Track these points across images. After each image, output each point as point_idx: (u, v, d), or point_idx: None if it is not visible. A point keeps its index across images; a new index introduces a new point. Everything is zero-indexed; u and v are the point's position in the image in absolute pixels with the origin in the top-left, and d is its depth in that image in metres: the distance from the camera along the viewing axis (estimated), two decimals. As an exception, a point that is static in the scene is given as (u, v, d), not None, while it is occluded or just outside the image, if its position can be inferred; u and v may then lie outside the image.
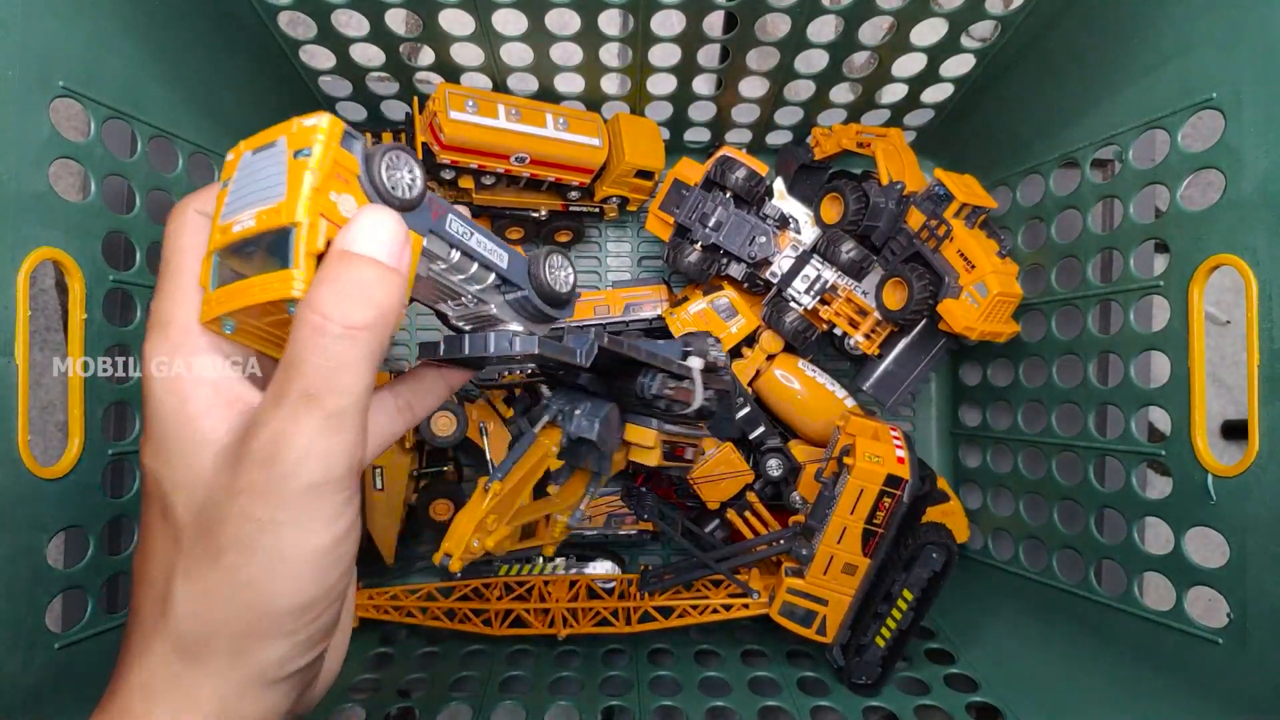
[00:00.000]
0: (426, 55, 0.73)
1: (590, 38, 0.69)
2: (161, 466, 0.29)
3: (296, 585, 0.27)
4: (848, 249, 0.76)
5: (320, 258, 0.27)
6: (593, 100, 0.80)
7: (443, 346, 0.40)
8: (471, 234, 0.36)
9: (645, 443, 0.59)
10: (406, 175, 0.31)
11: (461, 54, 0.72)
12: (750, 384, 0.81)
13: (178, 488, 0.28)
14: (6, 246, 0.47)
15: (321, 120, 0.28)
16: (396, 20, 0.67)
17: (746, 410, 0.79)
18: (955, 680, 0.70)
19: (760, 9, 0.65)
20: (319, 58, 0.72)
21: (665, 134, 0.83)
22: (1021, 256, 0.77)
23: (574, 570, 0.80)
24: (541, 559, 0.81)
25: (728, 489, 0.79)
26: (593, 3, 0.65)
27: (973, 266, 0.71)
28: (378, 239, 0.27)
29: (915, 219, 0.74)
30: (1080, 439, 0.70)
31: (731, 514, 0.79)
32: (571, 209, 0.83)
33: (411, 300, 0.36)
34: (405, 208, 0.31)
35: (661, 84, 0.77)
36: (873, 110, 0.80)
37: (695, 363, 0.58)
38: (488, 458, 0.82)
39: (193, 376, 0.29)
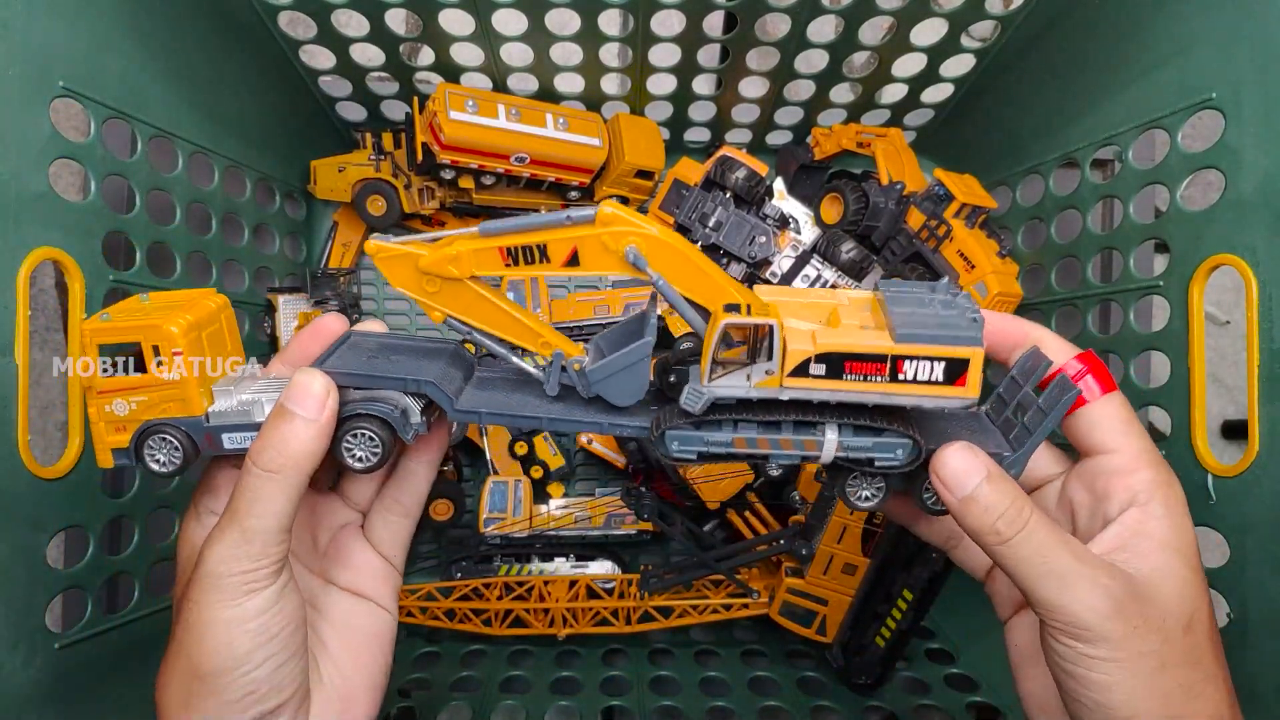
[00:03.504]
0: (426, 55, 0.73)
1: (590, 38, 0.69)
2: (177, 587, 0.39)
3: (213, 648, 0.34)
4: (848, 249, 0.76)
5: None
6: (593, 100, 0.80)
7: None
8: None
9: None
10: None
11: (461, 54, 0.72)
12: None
13: (178, 598, 0.38)
14: (6, 246, 0.47)
15: None
16: (396, 20, 0.67)
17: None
18: (955, 680, 0.70)
19: (760, 9, 0.65)
20: (319, 58, 0.72)
21: (665, 134, 0.83)
22: (1021, 256, 0.77)
23: (574, 570, 0.80)
24: (541, 560, 0.81)
25: (727, 489, 0.79)
26: (593, 3, 0.65)
27: (973, 266, 0.72)
28: (300, 394, 0.36)
29: (915, 219, 0.74)
30: (1080, 439, 0.70)
31: (731, 514, 0.79)
32: (571, 209, 0.83)
33: None
34: None
35: (661, 84, 0.77)
36: (873, 110, 0.80)
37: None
38: (488, 458, 0.82)
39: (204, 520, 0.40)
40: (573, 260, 0.37)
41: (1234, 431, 1.16)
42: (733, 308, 0.35)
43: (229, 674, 0.34)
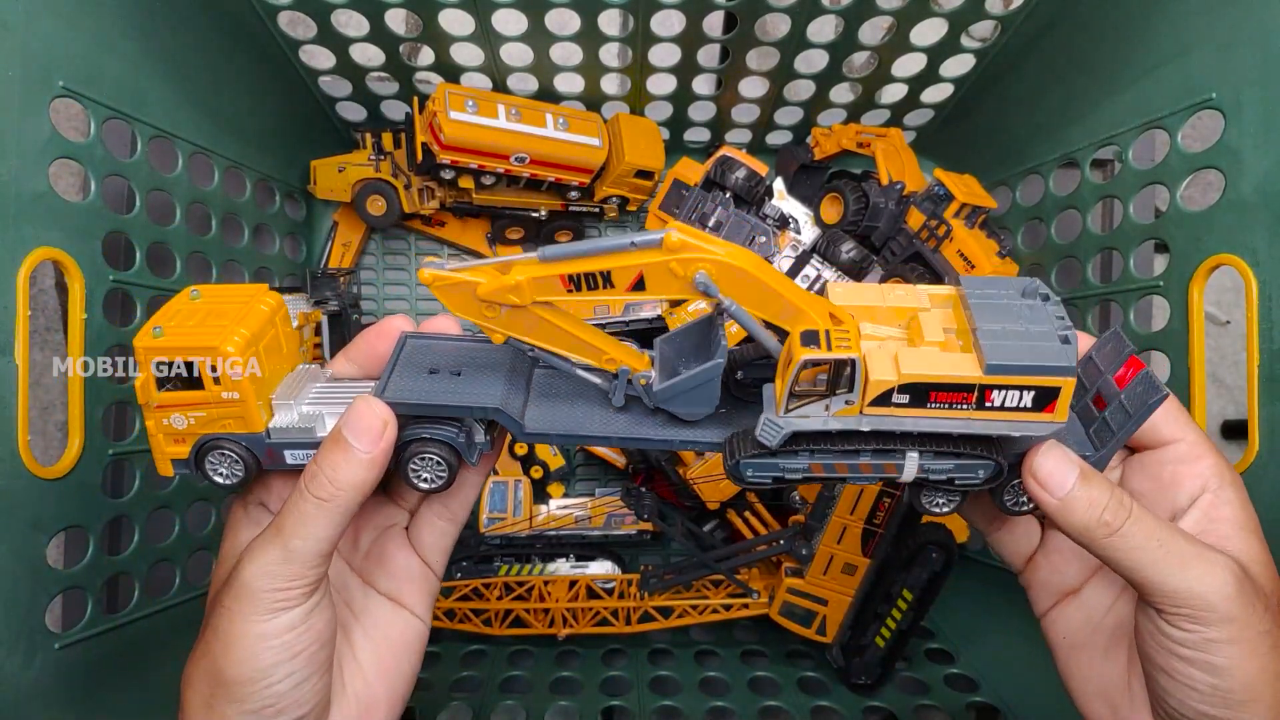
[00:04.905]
0: (426, 55, 0.73)
1: (590, 38, 0.69)
2: (215, 579, 0.40)
3: (238, 659, 0.35)
4: (847, 249, 0.76)
5: None
6: (593, 100, 0.80)
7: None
8: None
9: None
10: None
11: (461, 54, 0.72)
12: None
13: (212, 595, 0.39)
14: (6, 246, 0.47)
15: None
16: (396, 20, 0.67)
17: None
18: (955, 680, 0.70)
19: (760, 9, 0.65)
20: (319, 58, 0.72)
21: (665, 134, 0.83)
22: (1021, 256, 0.77)
23: (574, 570, 0.80)
24: (541, 560, 0.81)
25: (728, 489, 0.79)
26: (593, 3, 0.65)
27: (973, 266, 0.72)
28: (358, 426, 0.36)
29: (915, 219, 0.74)
30: (1080, 439, 0.70)
31: (731, 514, 0.79)
32: (571, 209, 0.83)
33: None
34: None
35: (661, 84, 0.77)
36: (873, 110, 0.80)
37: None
38: None
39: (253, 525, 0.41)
40: (638, 285, 0.35)
41: (1234, 431, 1.16)
42: (810, 335, 0.34)
43: (250, 685, 0.35)
